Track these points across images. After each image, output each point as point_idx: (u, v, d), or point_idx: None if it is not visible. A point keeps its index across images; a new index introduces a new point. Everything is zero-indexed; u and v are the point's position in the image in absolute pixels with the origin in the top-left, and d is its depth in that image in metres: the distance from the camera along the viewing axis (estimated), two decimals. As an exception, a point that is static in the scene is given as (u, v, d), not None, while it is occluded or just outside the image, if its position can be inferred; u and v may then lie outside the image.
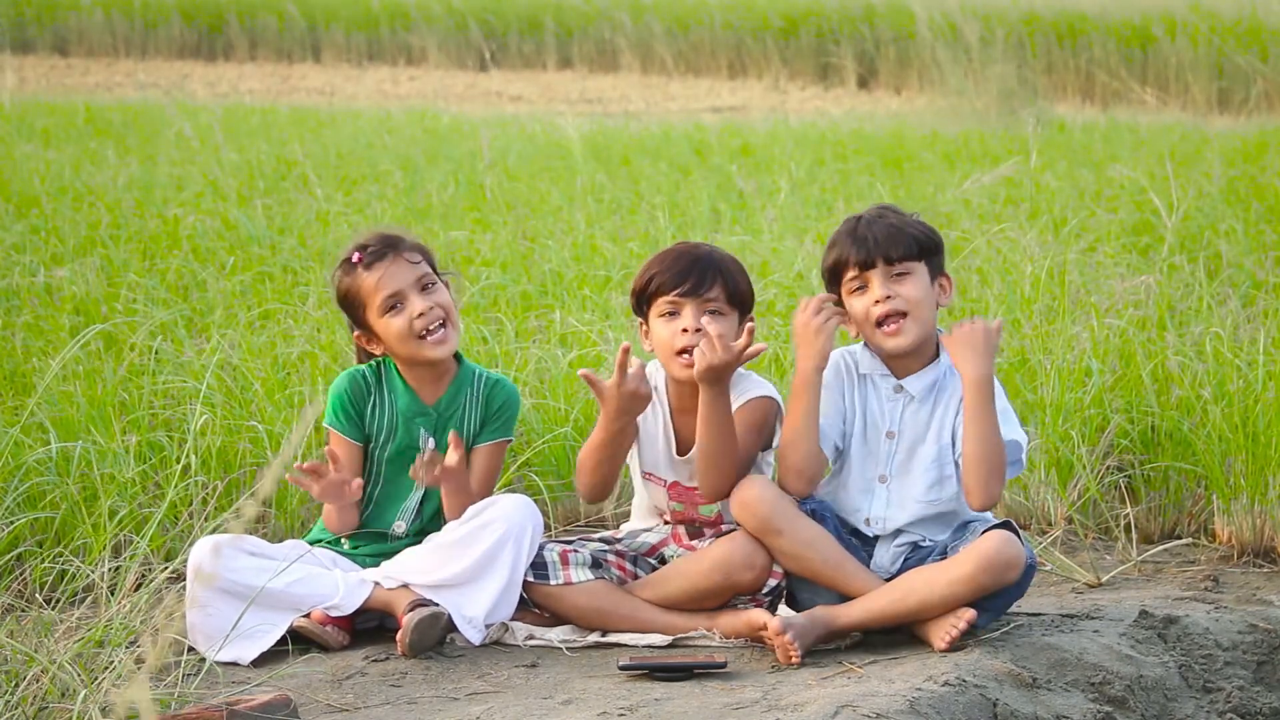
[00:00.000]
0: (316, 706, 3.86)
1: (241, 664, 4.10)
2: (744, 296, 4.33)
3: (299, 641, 4.20)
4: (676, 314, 4.29)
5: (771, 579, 4.25)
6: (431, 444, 4.40)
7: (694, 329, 4.24)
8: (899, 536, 4.30)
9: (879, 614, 4.15)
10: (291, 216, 8.55)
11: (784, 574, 4.25)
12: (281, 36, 23.71)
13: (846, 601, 4.19)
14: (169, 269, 7.16)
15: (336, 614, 4.23)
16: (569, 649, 4.25)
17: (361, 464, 4.45)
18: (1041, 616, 4.40)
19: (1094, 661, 4.12)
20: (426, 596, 4.21)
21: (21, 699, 3.62)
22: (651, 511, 4.49)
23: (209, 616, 4.13)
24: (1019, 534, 4.15)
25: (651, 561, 4.41)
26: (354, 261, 4.44)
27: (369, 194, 9.54)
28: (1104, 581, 4.87)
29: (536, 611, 4.36)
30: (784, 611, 4.28)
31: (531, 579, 4.29)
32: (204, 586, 4.11)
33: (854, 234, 4.25)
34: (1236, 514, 5.12)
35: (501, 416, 4.48)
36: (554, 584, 4.29)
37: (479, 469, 4.45)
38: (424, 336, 4.39)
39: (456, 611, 4.22)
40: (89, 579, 4.27)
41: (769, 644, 4.13)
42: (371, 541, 4.45)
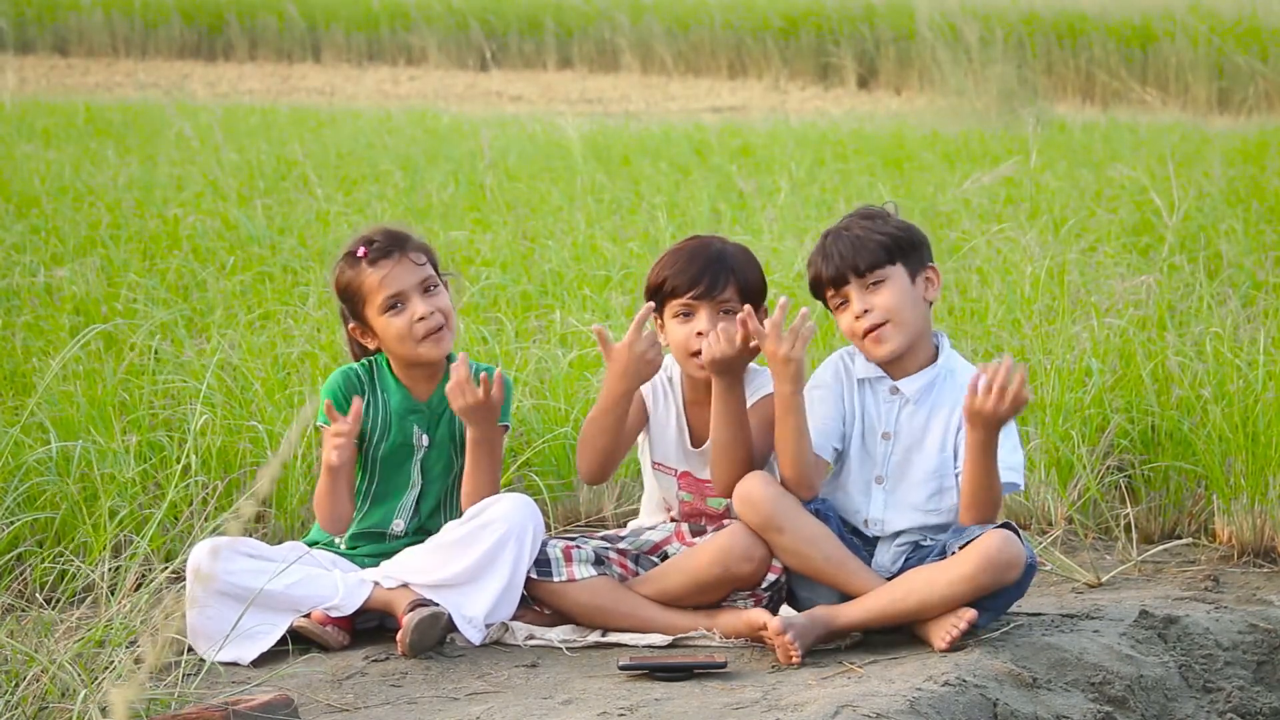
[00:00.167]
0: (316, 706, 3.86)
1: (241, 664, 4.10)
2: (757, 290, 4.36)
3: (299, 641, 4.20)
4: (691, 315, 4.32)
5: (771, 574, 4.25)
6: (464, 360, 4.34)
7: (709, 331, 4.27)
8: (900, 536, 4.30)
9: (879, 614, 4.15)
10: (291, 216, 8.55)
11: (783, 570, 4.25)
12: (281, 36, 23.71)
13: (846, 601, 4.19)
14: (169, 269, 7.16)
15: (336, 614, 4.23)
16: (569, 649, 4.25)
17: (356, 462, 4.45)
18: (1041, 616, 4.39)
19: (1094, 661, 4.12)
20: (426, 596, 4.21)
21: (21, 699, 3.61)
22: (660, 506, 4.50)
23: (208, 619, 4.13)
24: (1019, 534, 4.15)
25: (654, 560, 4.41)
26: (359, 256, 4.43)
27: (369, 194, 9.53)
28: (1104, 581, 4.87)
29: (537, 609, 4.36)
30: (785, 611, 4.28)
31: (535, 576, 4.29)
32: (203, 588, 4.11)
33: (824, 251, 4.29)
34: (1236, 514, 5.11)
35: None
36: (557, 580, 4.29)
37: None
38: (422, 339, 4.40)
39: (456, 611, 4.22)
40: (89, 579, 4.27)
41: (769, 644, 4.13)
42: (370, 541, 4.45)
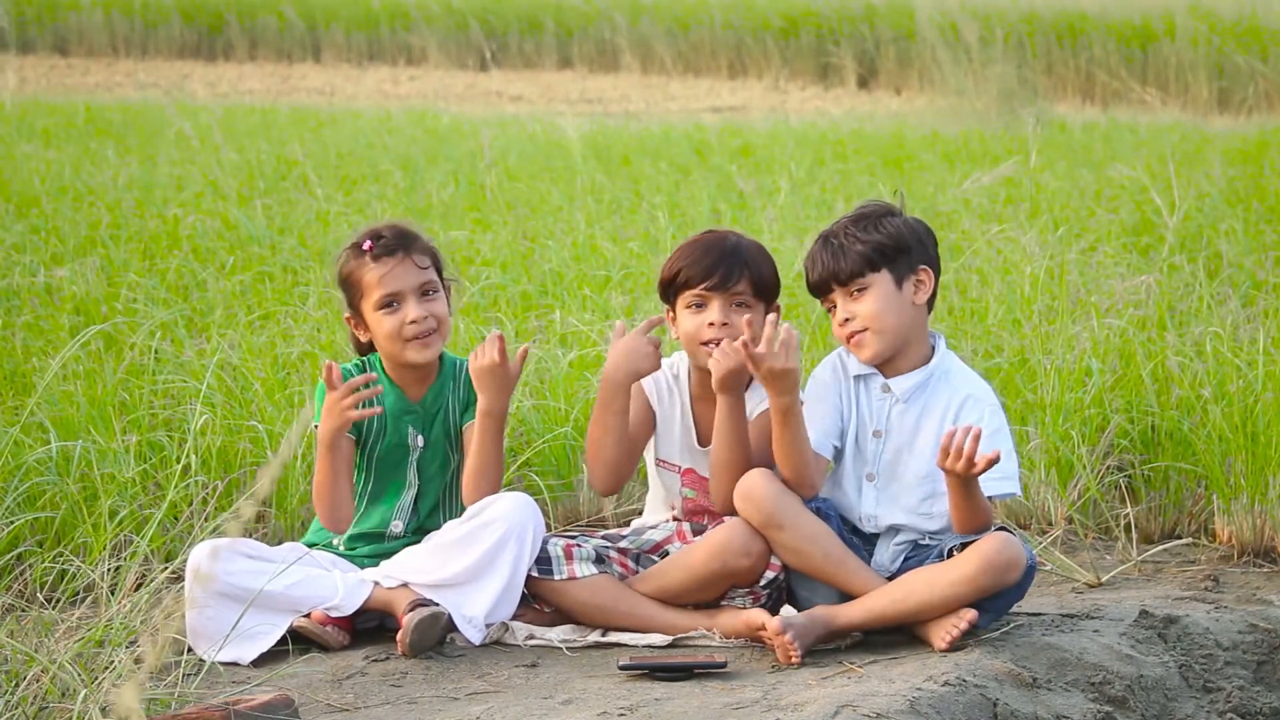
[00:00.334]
0: (316, 706, 3.86)
1: (241, 664, 4.10)
2: (770, 287, 4.38)
3: (299, 641, 4.20)
4: (704, 306, 4.35)
5: (770, 572, 4.25)
6: (498, 335, 4.36)
7: (720, 322, 4.32)
8: (898, 534, 4.30)
9: (879, 614, 4.15)
10: (291, 216, 8.55)
11: (782, 568, 4.25)
12: (281, 36, 23.70)
13: (845, 599, 4.19)
14: (169, 269, 7.16)
15: (336, 614, 4.23)
16: (569, 649, 4.25)
17: (354, 459, 4.45)
18: (1041, 616, 4.39)
19: (1094, 661, 4.12)
20: (426, 596, 4.21)
21: (21, 699, 3.61)
22: (664, 504, 4.51)
23: (208, 619, 4.13)
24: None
25: (654, 559, 4.42)
26: (364, 249, 4.44)
27: (369, 194, 9.53)
28: (1104, 581, 4.87)
29: (538, 608, 4.36)
30: (785, 611, 4.28)
31: (535, 574, 4.29)
32: (202, 589, 4.11)
33: (811, 258, 4.34)
34: (1236, 514, 5.11)
35: None
36: (558, 579, 4.30)
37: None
38: (410, 341, 4.40)
39: (456, 611, 4.21)
40: (89, 579, 4.27)
41: (769, 644, 4.13)
42: (369, 542, 4.45)
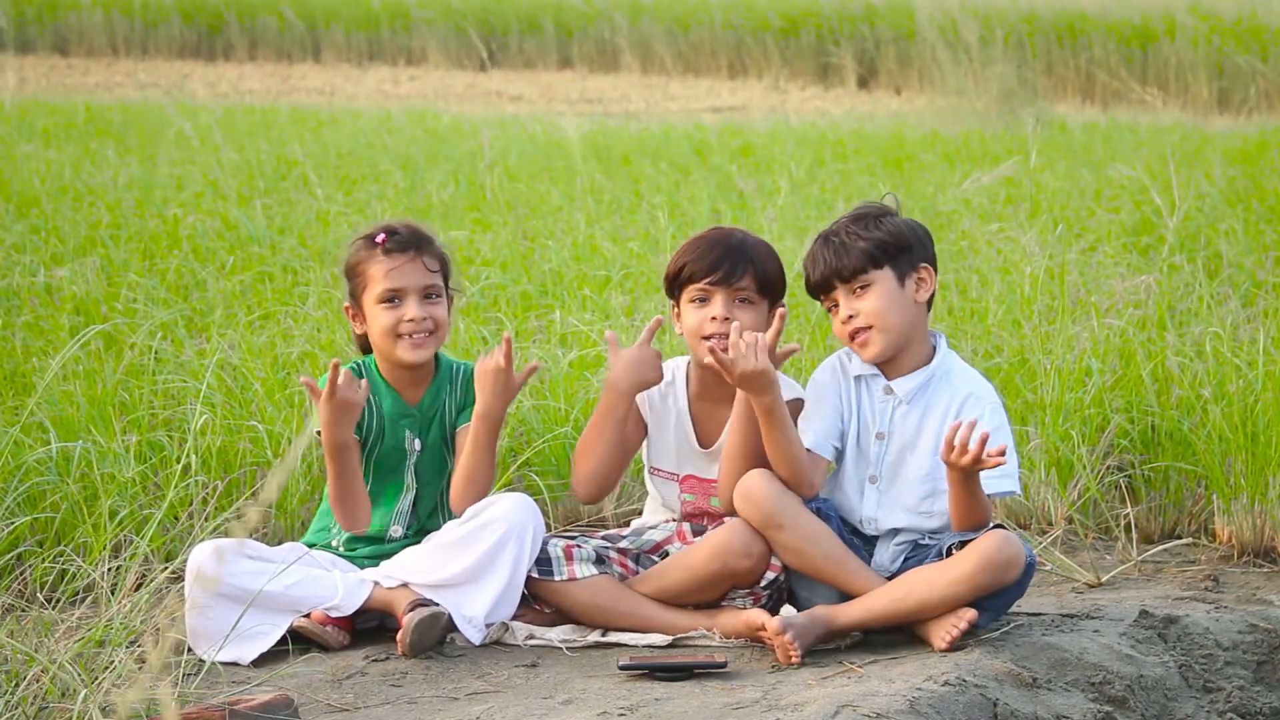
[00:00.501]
0: (316, 706, 3.86)
1: (241, 664, 4.10)
2: (774, 284, 4.38)
3: (299, 641, 4.20)
4: (707, 301, 4.34)
5: (770, 572, 4.25)
6: (509, 340, 4.35)
7: (723, 317, 4.31)
8: (898, 535, 4.30)
9: (879, 614, 4.15)
10: (291, 216, 8.55)
11: (782, 569, 4.25)
12: (281, 36, 23.70)
13: (845, 599, 4.19)
14: (169, 269, 7.16)
15: (336, 614, 4.23)
16: (569, 649, 4.25)
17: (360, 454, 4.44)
18: (1041, 616, 4.39)
19: (1094, 661, 4.12)
20: (426, 596, 4.21)
21: (21, 699, 3.61)
22: (663, 507, 4.51)
23: (208, 620, 4.12)
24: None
25: (654, 559, 4.41)
26: (376, 241, 4.44)
27: (369, 194, 9.53)
28: (1104, 581, 4.87)
29: (538, 608, 4.36)
30: (785, 611, 4.28)
31: (535, 574, 4.29)
32: (204, 590, 4.11)
33: (812, 256, 4.32)
34: (1236, 514, 5.11)
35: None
36: (558, 579, 4.30)
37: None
38: (404, 338, 4.39)
39: (456, 611, 4.21)
40: (89, 579, 4.27)
41: (769, 644, 4.13)
42: (369, 544, 4.45)
